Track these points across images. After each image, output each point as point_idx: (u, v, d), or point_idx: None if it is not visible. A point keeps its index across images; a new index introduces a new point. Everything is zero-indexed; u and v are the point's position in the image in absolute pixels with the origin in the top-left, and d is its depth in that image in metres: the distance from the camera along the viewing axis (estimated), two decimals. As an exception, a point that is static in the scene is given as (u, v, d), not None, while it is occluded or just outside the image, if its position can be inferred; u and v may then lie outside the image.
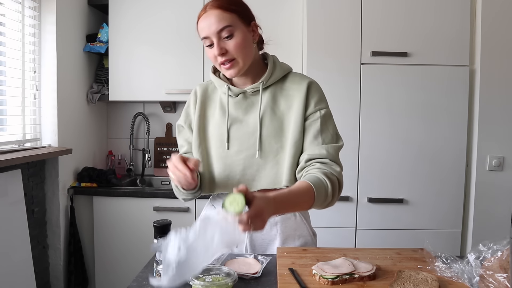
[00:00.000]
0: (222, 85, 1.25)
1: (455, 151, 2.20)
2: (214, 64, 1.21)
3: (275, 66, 1.25)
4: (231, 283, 0.94)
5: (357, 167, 2.21)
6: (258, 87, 1.22)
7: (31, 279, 1.96)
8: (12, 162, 1.77)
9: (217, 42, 1.14)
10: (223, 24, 1.13)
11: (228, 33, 1.13)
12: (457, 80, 2.18)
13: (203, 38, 1.17)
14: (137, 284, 1.05)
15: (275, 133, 1.20)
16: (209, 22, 1.14)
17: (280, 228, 1.24)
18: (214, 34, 1.13)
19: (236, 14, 1.15)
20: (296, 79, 1.25)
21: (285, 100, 1.22)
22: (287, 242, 1.25)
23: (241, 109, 1.23)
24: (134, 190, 2.38)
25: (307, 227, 1.30)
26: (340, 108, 2.16)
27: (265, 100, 1.22)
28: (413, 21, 2.17)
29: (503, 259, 0.93)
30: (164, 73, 2.54)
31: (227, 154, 1.22)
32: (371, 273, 1.01)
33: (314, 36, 2.20)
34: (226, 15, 1.14)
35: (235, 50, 1.14)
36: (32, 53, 2.21)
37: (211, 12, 1.14)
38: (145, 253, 2.08)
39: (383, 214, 2.22)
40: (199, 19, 1.18)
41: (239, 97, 1.24)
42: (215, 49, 1.15)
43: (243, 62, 1.17)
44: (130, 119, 2.85)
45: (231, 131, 1.22)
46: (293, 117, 1.20)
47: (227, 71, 1.18)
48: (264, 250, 1.27)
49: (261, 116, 1.20)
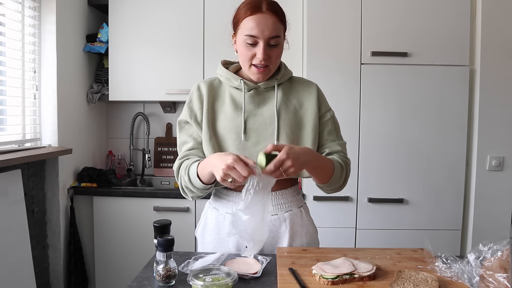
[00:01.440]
0: (237, 79, 1.27)
1: (455, 151, 2.20)
2: (244, 62, 1.23)
3: (285, 68, 1.33)
4: (231, 283, 0.94)
5: (357, 167, 2.21)
6: (272, 83, 1.28)
7: (31, 279, 1.95)
8: (12, 162, 1.77)
9: (264, 46, 1.17)
10: (276, 32, 1.18)
11: (276, 42, 1.19)
12: (457, 80, 2.18)
13: (249, 36, 1.17)
14: (137, 284, 1.05)
15: (291, 125, 1.26)
16: (265, 24, 1.17)
17: (288, 225, 1.27)
18: (266, 38, 1.17)
19: (284, 27, 1.23)
20: (303, 81, 1.36)
21: (295, 97, 1.31)
22: (295, 239, 1.28)
23: (254, 103, 1.27)
24: (134, 190, 2.38)
25: (312, 224, 1.35)
26: (340, 108, 2.15)
27: (279, 96, 1.28)
28: (413, 21, 2.18)
29: (503, 259, 0.93)
30: (164, 73, 2.54)
31: (245, 146, 1.24)
32: (371, 273, 1.01)
33: (314, 36, 2.20)
34: (280, 26, 1.20)
35: (275, 59, 1.22)
36: (32, 53, 2.21)
37: (269, 16, 1.17)
38: (145, 253, 2.08)
39: (383, 214, 2.22)
40: (250, 16, 1.17)
41: (251, 91, 1.28)
42: (259, 52, 1.18)
43: (272, 70, 1.25)
44: (130, 119, 2.85)
45: (247, 123, 1.25)
46: (309, 115, 1.29)
47: (258, 74, 1.22)
48: (273, 249, 1.27)
49: (278, 109, 1.26)
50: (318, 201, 2.21)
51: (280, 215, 1.27)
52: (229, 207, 1.27)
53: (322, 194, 2.17)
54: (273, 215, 1.26)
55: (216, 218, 1.30)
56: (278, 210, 1.27)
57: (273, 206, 1.25)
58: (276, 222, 1.26)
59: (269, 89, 1.29)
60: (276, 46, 1.20)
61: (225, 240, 1.28)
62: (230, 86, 1.30)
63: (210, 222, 1.32)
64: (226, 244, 1.28)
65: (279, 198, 1.27)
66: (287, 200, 1.29)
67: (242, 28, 1.20)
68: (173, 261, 1.03)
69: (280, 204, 1.28)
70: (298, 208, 1.31)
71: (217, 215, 1.30)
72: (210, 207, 1.35)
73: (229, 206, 1.27)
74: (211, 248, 1.30)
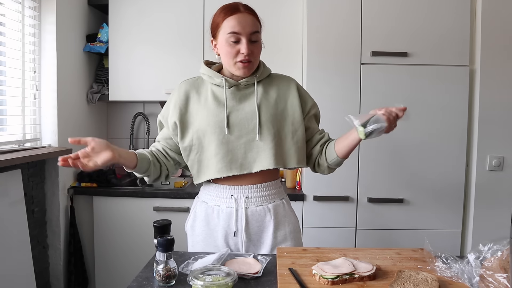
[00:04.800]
0: (218, 77, 1.35)
1: (455, 151, 2.20)
2: (228, 60, 1.31)
3: (264, 66, 1.42)
4: (231, 283, 0.94)
5: (357, 167, 2.21)
6: (252, 80, 1.36)
7: (31, 279, 1.96)
8: (12, 162, 1.77)
9: (247, 42, 1.27)
10: (256, 28, 1.30)
11: (256, 38, 1.30)
12: (457, 80, 2.18)
13: (232, 33, 1.27)
14: (137, 284, 1.05)
15: (272, 118, 1.34)
16: (245, 22, 1.27)
17: (273, 215, 1.37)
18: (247, 34, 1.27)
19: (260, 26, 1.34)
20: (281, 77, 1.44)
21: (275, 92, 1.38)
22: (279, 227, 1.38)
23: (235, 99, 1.35)
24: (134, 190, 2.38)
25: (294, 215, 1.45)
26: (340, 108, 2.16)
27: (259, 92, 1.37)
28: (413, 21, 2.17)
29: (503, 259, 0.94)
30: (164, 73, 2.54)
31: (228, 139, 1.32)
32: (371, 273, 1.01)
33: (314, 36, 2.20)
34: (257, 23, 1.32)
35: (257, 54, 1.32)
36: (32, 53, 2.21)
37: (247, 15, 1.29)
38: (145, 253, 2.08)
39: (383, 214, 2.22)
40: (230, 16, 1.28)
41: (232, 88, 1.35)
42: (243, 47, 1.27)
43: (255, 65, 1.34)
44: (130, 119, 2.85)
45: (230, 118, 1.33)
46: (290, 108, 1.38)
47: (242, 69, 1.30)
48: (259, 238, 1.37)
49: (259, 104, 1.34)
50: (318, 201, 2.21)
51: (265, 206, 1.37)
52: (217, 200, 1.37)
53: (322, 194, 2.19)
54: (258, 206, 1.36)
55: (205, 211, 1.39)
56: (263, 202, 1.37)
57: (258, 198, 1.36)
58: (262, 212, 1.36)
59: (250, 85, 1.36)
60: (257, 42, 1.30)
61: (214, 231, 1.37)
62: (212, 84, 1.37)
63: (199, 215, 1.41)
64: (216, 235, 1.37)
65: (263, 190, 1.37)
66: (270, 192, 1.38)
67: (224, 28, 1.29)
68: (173, 261, 1.04)
69: (264, 196, 1.37)
70: (281, 200, 1.41)
71: (206, 208, 1.39)
72: (199, 201, 1.44)
73: (217, 199, 1.37)
74: (201, 239, 1.39)
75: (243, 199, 1.34)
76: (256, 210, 1.35)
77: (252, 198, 1.35)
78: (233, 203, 1.34)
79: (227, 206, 1.35)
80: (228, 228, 1.35)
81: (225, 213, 1.35)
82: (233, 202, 1.34)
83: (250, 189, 1.35)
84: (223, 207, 1.36)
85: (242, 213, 1.34)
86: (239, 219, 1.34)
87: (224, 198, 1.36)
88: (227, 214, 1.35)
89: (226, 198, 1.35)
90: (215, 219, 1.37)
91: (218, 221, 1.36)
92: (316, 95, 1.56)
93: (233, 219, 1.34)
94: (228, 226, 1.35)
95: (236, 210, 1.34)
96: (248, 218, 1.34)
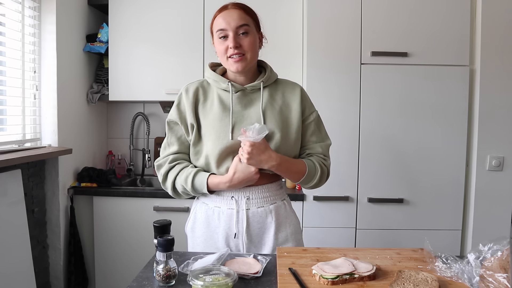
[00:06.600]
0: (224, 82, 1.35)
1: (455, 151, 2.20)
2: (221, 57, 1.32)
3: (271, 70, 1.41)
4: (231, 283, 0.94)
5: (357, 167, 2.21)
6: (258, 85, 1.35)
7: (31, 279, 1.95)
8: (12, 162, 1.77)
9: (233, 36, 1.28)
10: (243, 21, 1.29)
11: (244, 30, 1.29)
12: (457, 80, 2.18)
13: (219, 30, 1.29)
14: (137, 284, 1.05)
15: (276, 124, 1.33)
16: (230, 17, 1.28)
17: (274, 216, 1.36)
18: (233, 28, 1.28)
19: (253, 19, 1.34)
20: (287, 83, 1.43)
21: (281, 98, 1.38)
22: (280, 229, 1.37)
23: (241, 104, 1.35)
24: (134, 190, 2.38)
25: (295, 216, 1.44)
26: (340, 108, 2.16)
27: (265, 97, 1.36)
28: (413, 21, 2.18)
29: (503, 259, 0.94)
30: (164, 72, 2.54)
31: (232, 144, 1.31)
32: (371, 273, 1.01)
33: (314, 36, 2.20)
34: (246, 16, 1.31)
35: (248, 46, 1.29)
36: (32, 53, 2.21)
37: (234, 10, 1.30)
38: (145, 253, 2.08)
39: (383, 214, 2.22)
40: (218, 15, 1.31)
41: (238, 93, 1.35)
42: (230, 41, 1.28)
43: (250, 59, 1.31)
44: (130, 119, 2.85)
45: (234, 123, 1.33)
46: (294, 116, 1.37)
47: (235, 64, 1.29)
48: (260, 239, 1.36)
49: (264, 110, 1.34)
50: (318, 201, 2.21)
51: (266, 207, 1.36)
52: (217, 201, 1.36)
53: (322, 194, 2.19)
54: (259, 207, 1.35)
55: (206, 212, 1.39)
56: (264, 203, 1.36)
57: (259, 199, 1.35)
58: (263, 214, 1.35)
59: (255, 90, 1.36)
60: (247, 34, 1.29)
61: (215, 233, 1.37)
62: (218, 88, 1.37)
63: (199, 216, 1.41)
64: (216, 236, 1.36)
65: (264, 191, 1.36)
66: (272, 193, 1.38)
67: (214, 28, 1.32)
68: (173, 261, 1.04)
69: (265, 197, 1.36)
70: (282, 201, 1.41)
71: (207, 209, 1.39)
72: (199, 202, 1.43)
73: (217, 201, 1.36)
74: (202, 241, 1.38)
75: (244, 200, 1.34)
76: (257, 211, 1.35)
77: (253, 199, 1.34)
78: (234, 205, 1.34)
79: (228, 207, 1.34)
80: (229, 229, 1.34)
81: (226, 214, 1.34)
82: (233, 204, 1.34)
83: (251, 190, 1.34)
84: (223, 209, 1.35)
85: (243, 215, 1.33)
86: (240, 221, 1.34)
87: (225, 200, 1.35)
88: (227, 215, 1.34)
89: (226, 200, 1.35)
90: (215, 221, 1.36)
91: (219, 223, 1.35)
92: (316, 95, 1.56)
93: (234, 221, 1.33)
94: (229, 228, 1.34)
95: (237, 212, 1.34)
96: (249, 220, 1.34)
